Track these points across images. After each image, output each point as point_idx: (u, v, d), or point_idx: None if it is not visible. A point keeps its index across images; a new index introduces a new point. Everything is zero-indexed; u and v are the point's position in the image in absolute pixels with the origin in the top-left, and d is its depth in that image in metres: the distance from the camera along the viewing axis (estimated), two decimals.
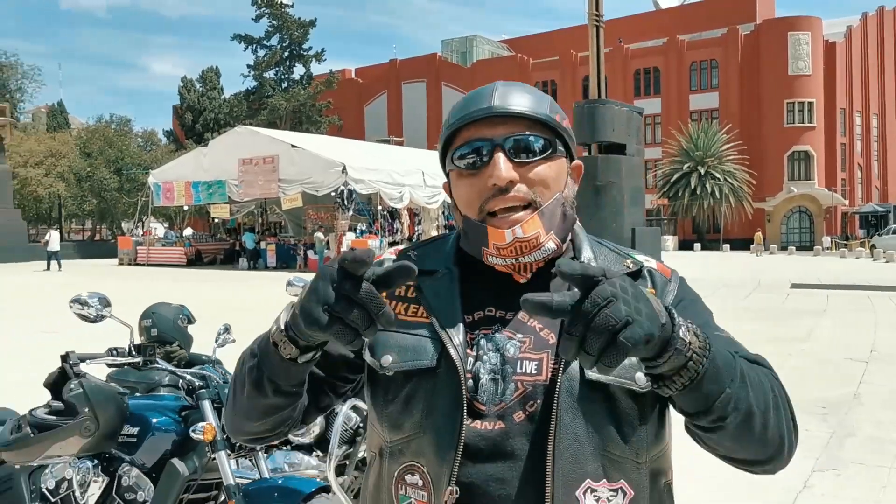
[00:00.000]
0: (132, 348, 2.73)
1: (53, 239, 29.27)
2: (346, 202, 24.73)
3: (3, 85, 56.37)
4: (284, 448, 3.14)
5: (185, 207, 31.47)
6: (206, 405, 2.68)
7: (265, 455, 2.94)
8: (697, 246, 43.83)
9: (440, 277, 1.16)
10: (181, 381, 2.85)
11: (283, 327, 1.02)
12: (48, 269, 27.76)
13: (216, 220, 33.55)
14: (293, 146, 26.03)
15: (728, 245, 43.36)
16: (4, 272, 26.11)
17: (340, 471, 2.98)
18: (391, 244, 26.51)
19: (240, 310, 12.14)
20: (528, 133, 1.12)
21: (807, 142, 48.80)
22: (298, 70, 54.22)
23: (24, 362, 8.13)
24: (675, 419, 1.12)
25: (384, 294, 0.93)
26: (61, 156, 42.02)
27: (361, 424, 3.01)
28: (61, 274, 25.39)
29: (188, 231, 37.82)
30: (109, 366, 2.83)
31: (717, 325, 1.16)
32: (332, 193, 24.90)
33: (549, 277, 1.14)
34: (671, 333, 0.89)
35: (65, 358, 2.58)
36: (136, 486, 2.70)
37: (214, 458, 2.65)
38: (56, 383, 2.59)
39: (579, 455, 1.06)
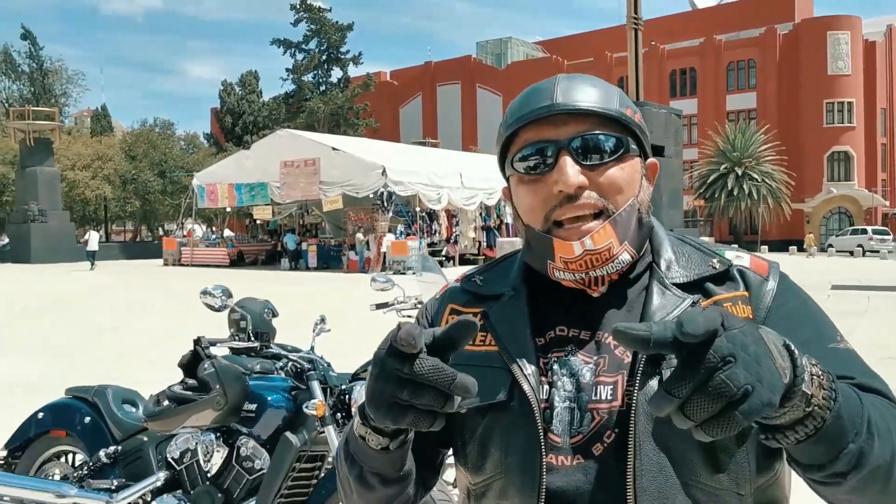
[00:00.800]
0: (251, 335, 3.12)
1: (93, 239, 30.47)
2: (385, 204, 25.22)
3: (48, 90, 57.88)
4: None
5: (228, 209, 32.19)
6: (315, 385, 3.04)
7: None
8: (734, 248, 43.56)
9: (507, 300, 1.08)
10: (289, 364, 3.22)
11: (360, 419, 0.94)
12: (92, 268, 28.76)
13: (258, 222, 34.26)
14: (334, 149, 26.56)
15: (766, 247, 43.07)
16: (59, 271, 27.01)
17: None
18: (430, 245, 26.93)
19: (294, 306, 12.58)
20: (596, 132, 1.02)
21: (846, 142, 48.30)
22: (336, 73, 55.04)
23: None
24: None
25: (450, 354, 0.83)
26: (107, 159, 43.15)
27: None
28: (115, 274, 26.17)
29: (227, 232, 38.60)
30: (231, 350, 3.22)
31: (833, 335, 1.02)
32: (371, 195, 25.39)
33: (625, 288, 1.06)
34: (794, 387, 0.76)
35: (197, 342, 2.98)
36: (253, 455, 3.08)
37: (323, 432, 3.02)
38: (189, 363, 2.99)
39: (666, 488, 0.95)
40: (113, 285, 21.16)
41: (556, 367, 1.02)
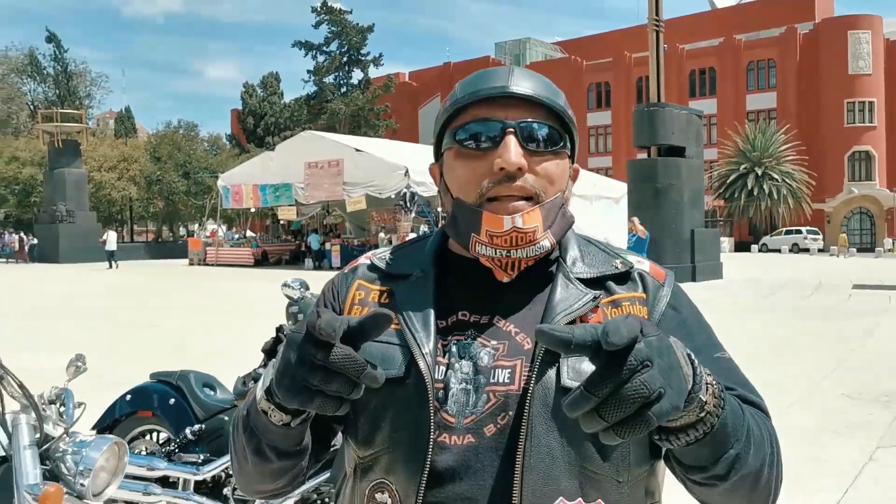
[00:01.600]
0: None
1: (111, 239, 31.18)
2: (408, 204, 25.52)
3: (73, 92, 58.76)
4: None
5: (252, 210, 32.68)
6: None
7: None
8: (754, 248, 43.61)
9: (414, 280, 1.10)
10: None
11: (265, 395, 0.94)
12: (110, 267, 29.50)
13: (281, 222, 34.73)
14: (357, 150, 26.93)
15: (786, 247, 43.07)
16: (84, 271, 27.59)
17: None
18: None
19: None
20: (542, 121, 1.05)
21: (867, 142, 48.12)
22: (357, 75, 55.53)
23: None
24: None
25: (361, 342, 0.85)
26: (133, 160, 43.84)
27: None
28: (143, 274, 26.70)
29: (250, 233, 39.16)
30: None
31: (718, 344, 1.10)
32: (394, 196, 25.73)
33: (532, 278, 1.08)
34: (692, 394, 0.81)
35: (279, 329, 3.31)
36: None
37: None
38: (271, 349, 3.31)
39: (552, 470, 0.98)
40: (143, 284, 21.66)
41: (454, 349, 1.03)
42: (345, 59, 54.58)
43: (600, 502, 0.99)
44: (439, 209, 27.43)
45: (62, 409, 2.35)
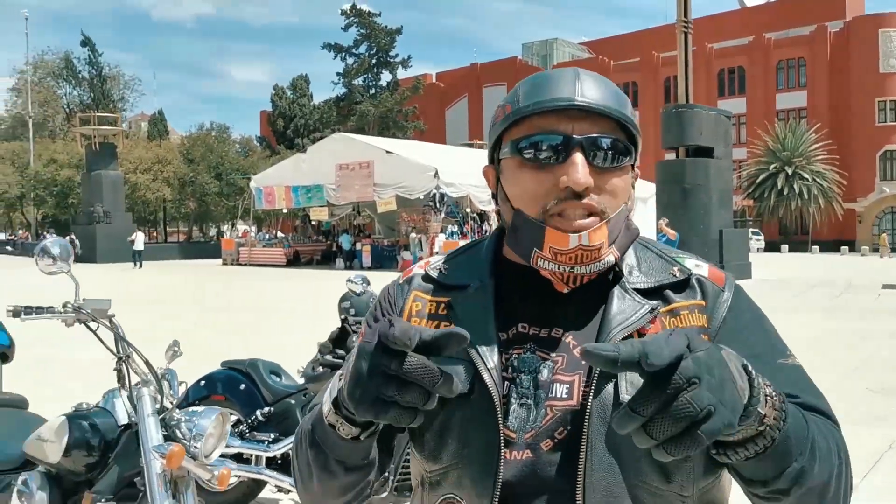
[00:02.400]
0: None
1: (139, 239, 32.15)
2: (437, 205, 25.90)
3: (107, 95, 59.86)
4: None
5: (284, 210, 33.28)
6: None
7: None
8: (784, 248, 43.42)
9: (473, 292, 1.08)
10: None
11: (333, 408, 0.94)
12: (135, 266, 30.50)
13: (313, 223, 35.30)
14: (387, 152, 27.36)
15: (817, 247, 42.82)
16: (119, 270, 28.31)
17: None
18: None
19: None
20: (611, 136, 1.01)
21: None
22: (385, 76, 56.07)
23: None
24: None
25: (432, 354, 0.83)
26: (167, 162, 44.72)
27: None
28: (180, 273, 27.35)
29: (280, 233, 39.82)
30: None
31: (784, 350, 1.06)
32: (422, 196, 26.11)
33: (591, 288, 1.06)
34: (749, 407, 0.80)
35: (344, 320, 3.68)
36: None
37: None
38: (338, 338, 3.69)
39: (614, 487, 0.97)
40: (182, 283, 22.25)
41: (516, 363, 1.03)
42: (373, 61, 55.12)
43: None
44: (468, 209, 27.80)
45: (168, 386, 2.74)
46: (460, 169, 26.94)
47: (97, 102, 56.06)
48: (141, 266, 30.58)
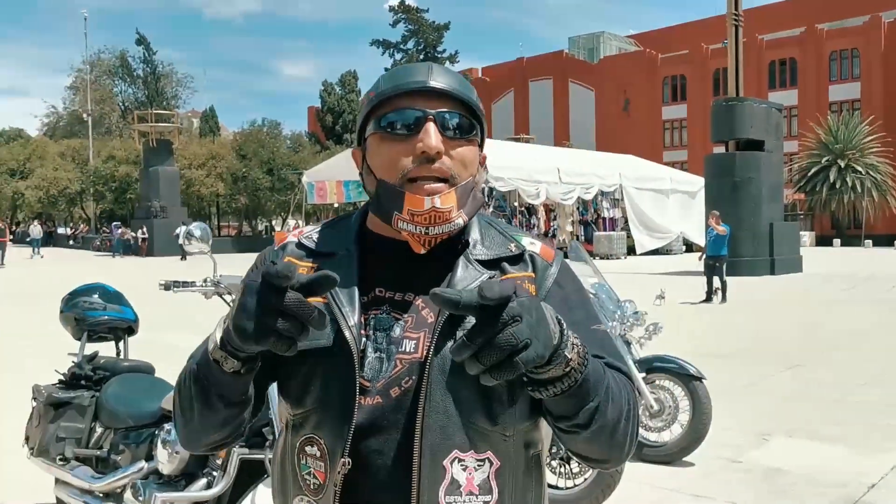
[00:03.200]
0: None
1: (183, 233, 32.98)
2: (486, 199, 26.25)
3: (160, 92, 61.32)
4: None
5: (336, 205, 33.88)
6: None
7: None
8: (837, 242, 42.72)
9: (339, 259, 1.21)
10: None
11: (219, 343, 1.04)
12: (183, 259, 31.54)
13: None
14: None
15: (870, 241, 42.05)
16: (168, 262, 29.22)
17: None
18: None
19: None
20: (457, 112, 1.18)
21: None
22: None
23: None
24: None
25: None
26: (220, 158, 45.76)
27: None
28: (241, 266, 28.16)
29: None
30: None
31: (595, 317, 1.25)
32: None
33: (441, 258, 1.21)
34: (558, 350, 0.95)
35: None
36: None
37: None
38: None
39: (447, 428, 1.12)
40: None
41: (373, 322, 1.18)
42: (421, 56, 55.62)
43: (490, 454, 1.14)
44: (516, 203, 28.09)
45: None
46: (508, 163, 27.21)
47: (151, 100, 57.47)
48: (185, 259, 31.60)
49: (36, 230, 38.22)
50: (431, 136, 1.15)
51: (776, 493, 4.55)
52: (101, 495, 3.64)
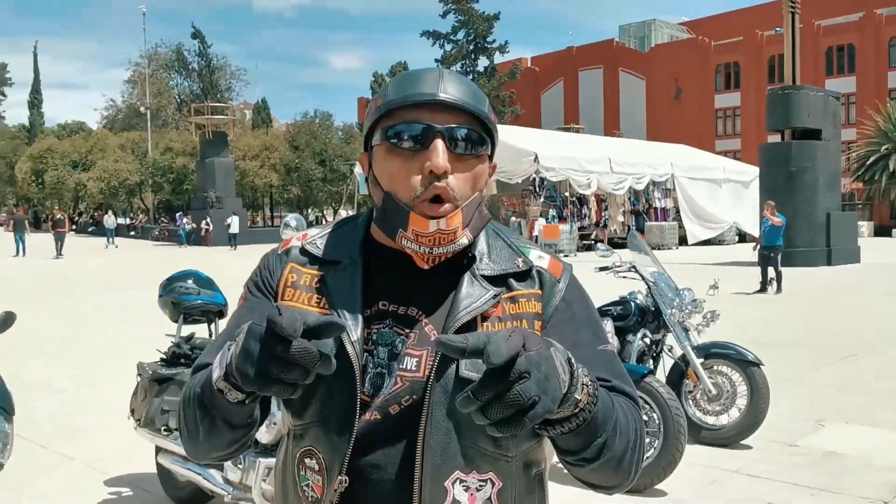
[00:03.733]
0: None
1: (234, 223, 33.94)
2: (537, 189, 26.34)
3: (215, 85, 62.48)
4: None
5: None
6: None
7: None
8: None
9: (344, 268, 1.19)
10: None
11: (223, 376, 1.02)
12: (231, 248, 32.42)
13: None
14: None
15: None
16: (219, 252, 29.92)
17: None
18: (580, 229, 27.89)
19: None
20: (467, 127, 1.14)
21: None
22: (482, 62, 56.53)
23: None
24: None
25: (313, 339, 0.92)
26: (273, 149, 46.61)
27: None
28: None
29: None
30: None
31: (604, 338, 1.22)
32: (519, 181, 26.54)
33: (447, 272, 1.18)
34: (567, 394, 0.94)
35: None
36: None
37: None
38: None
39: (449, 448, 1.11)
40: None
41: (375, 336, 1.16)
42: (471, 47, 55.67)
43: (492, 474, 1.14)
44: (567, 194, 28.13)
45: None
46: (559, 153, 27.27)
47: (206, 93, 58.55)
48: (235, 248, 32.51)
49: (110, 220, 39.26)
50: (440, 154, 1.12)
51: (832, 475, 4.71)
52: (200, 463, 4.00)
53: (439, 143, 1.11)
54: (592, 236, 28.31)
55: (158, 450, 4.30)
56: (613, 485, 1.14)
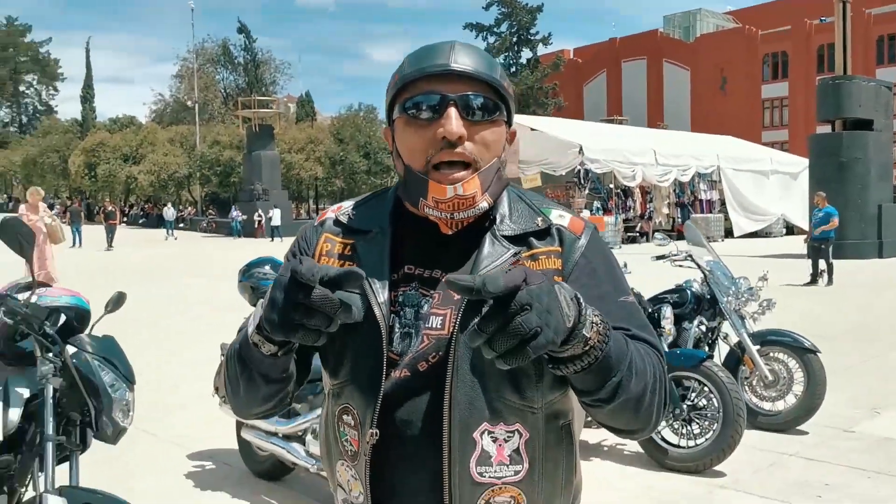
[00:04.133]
0: None
1: (276, 215, 34.43)
2: (582, 181, 26.31)
3: (260, 79, 63.15)
4: None
5: None
6: None
7: None
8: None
9: (373, 237, 1.25)
10: None
11: (256, 328, 1.09)
12: (272, 240, 32.81)
13: None
14: (532, 129, 27.92)
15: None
16: (258, 244, 30.40)
17: None
18: (625, 221, 27.80)
19: None
20: (480, 94, 1.18)
21: None
22: (525, 54, 56.31)
23: None
24: None
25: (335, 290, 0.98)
26: (318, 142, 47.11)
27: None
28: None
29: None
30: None
31: (625, 290, 1.24)
32: (564, 173, 26.52)
33: (469, 235, 1.23)
34: (575, 330, 0.97)
35: None
36: None
37: None
38: None
39: (475, 401, 1.15)
40: None
41: (401, 298, 1.22)
42: (514, 39, 55.46)
43: (519, 425, 1.17)
44: (612, 185, 28.03)
45: None
46: (604, 145, 27.17)
47: (251, 86, 59.20)
48: (273, 240, 32.96)
49: (169, 213, 40.07)
50: (452, 121, 1.16)
51: (889, 459, 4.79)
52: (283, 437, 4.25)
53: (452, 111, 1.16)
54: (637, 228, 28.20)
55: (240, 425, 4.56)
56: (635, 428, 1.18)
